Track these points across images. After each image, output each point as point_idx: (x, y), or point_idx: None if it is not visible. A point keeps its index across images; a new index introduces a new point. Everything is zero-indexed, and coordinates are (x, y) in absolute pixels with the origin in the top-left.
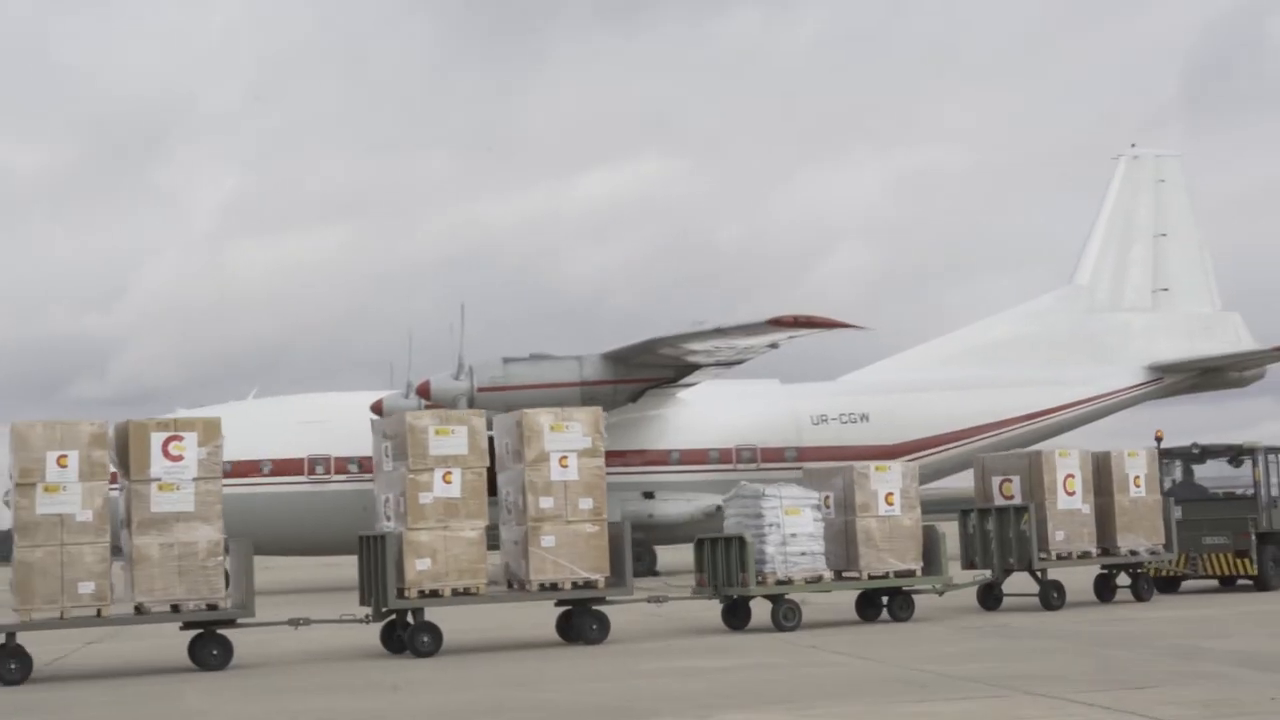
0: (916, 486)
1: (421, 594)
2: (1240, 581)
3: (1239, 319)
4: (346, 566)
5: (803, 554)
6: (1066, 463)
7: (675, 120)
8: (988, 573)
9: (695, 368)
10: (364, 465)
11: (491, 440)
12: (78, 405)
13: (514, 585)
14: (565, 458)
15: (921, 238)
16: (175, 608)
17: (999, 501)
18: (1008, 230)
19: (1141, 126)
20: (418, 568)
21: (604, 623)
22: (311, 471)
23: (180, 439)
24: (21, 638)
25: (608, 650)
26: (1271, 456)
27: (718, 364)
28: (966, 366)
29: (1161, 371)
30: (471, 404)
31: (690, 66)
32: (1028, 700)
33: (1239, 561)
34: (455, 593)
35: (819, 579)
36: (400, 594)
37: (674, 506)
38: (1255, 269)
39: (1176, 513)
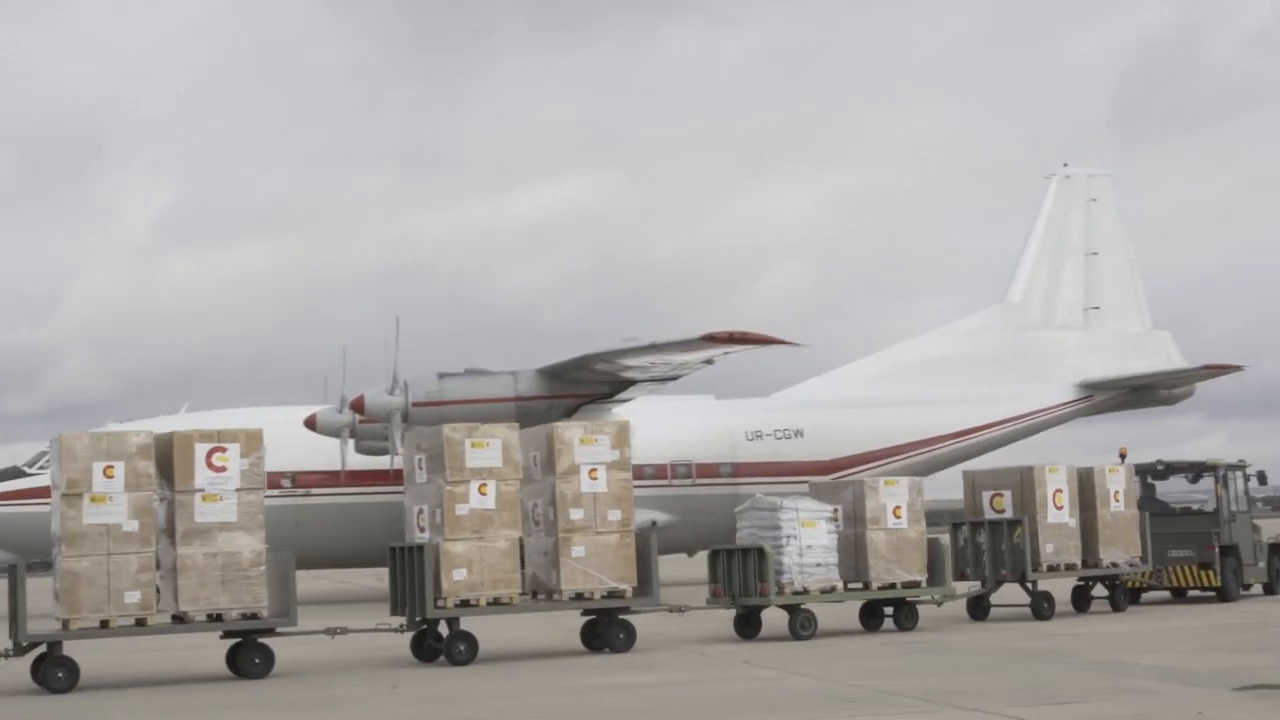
0: (922, 501)
1: (458, 604)
2: (1193, 592)
3: (1169, 337)
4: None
5: (818, 565)
6: (1055, 478)
7: (612, 136)
8: (977, 584)
9: (630, 383)
10: (297, 480)
11: None
12: (7, 420)
13: (540, 595)
14: (594, 470)
15: (856, 255)
16: (214, 616)
17: (990, 515)
18: (942, 248)
19: (1074, 145)
20: (454, 578)
21: (630, 632)
22: None
23: (224, 450)
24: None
25: (540, 666)
26: (1230, 473)
27: (653, 380)
28: (899, 384)
29: (1092, 389)
30: (406, 419)
31: (627, 83)
32: (956, 715)
33: (1203, 573)
34: (490, 602)
35: (833, 589)
36: (436, 603)
37: None
38: (1185, 288)
39: None
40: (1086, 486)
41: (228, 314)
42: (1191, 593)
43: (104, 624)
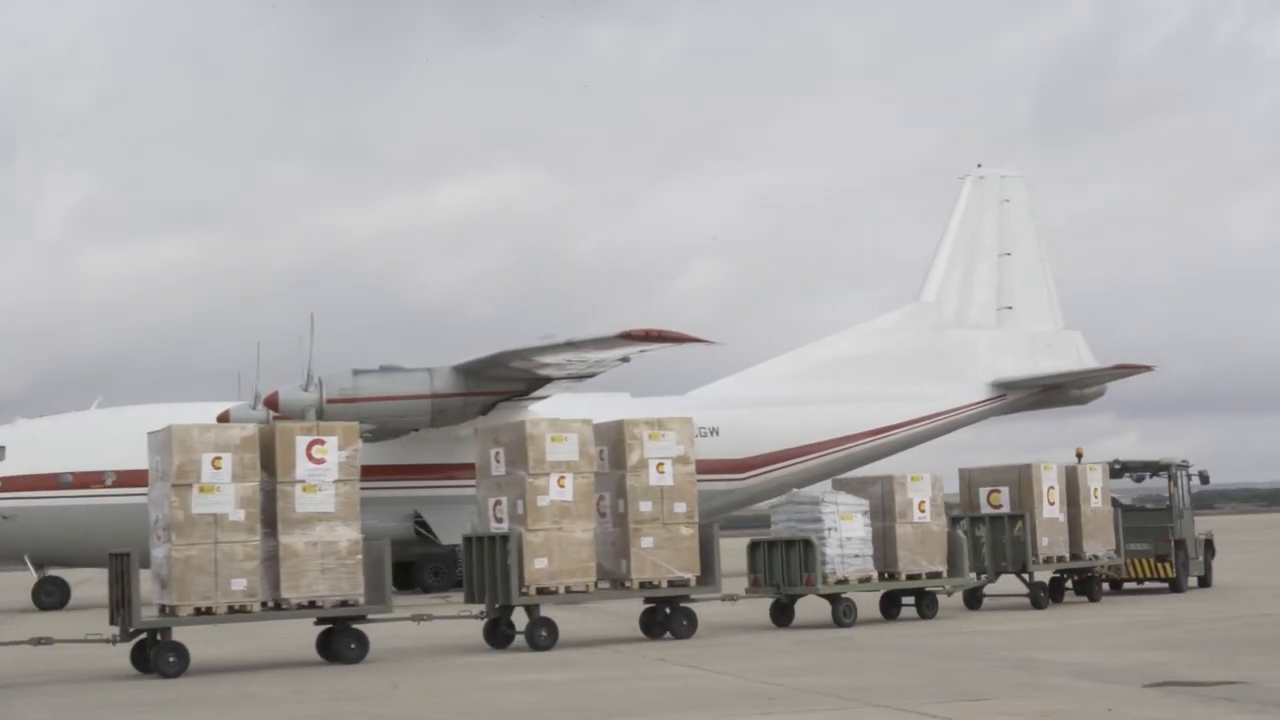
0: (942, 496)
1: (538, 591)
2: (1147, 583)
3: (1080, 337)
4: None
5: (856, 556)
6: (1049, 475)
7: (533, 133)
8: (975, 576)
9: (547, 381)
10: None
11: None
12: None
13: (608, 584)
14: (662, 464)
15: (776, 254)
16: (310, 604)
17: (987, 510)
18: (861, 247)
19: (995, 145)
20: (536, 566)
21: (693, 619)
22: None
23: (322, 443)
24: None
25: (459, 662)
26: (1179, 473)
27: (569, 377)
28: (815, 382)
29: (1005, 388)
30: (321, 415)
31: (549, 80)
32: (870, 712)
33: (1160, 565)
34: (568, 590)
35: (869, 579)
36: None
37: None
38: (1101, 289)
39: None
40: (1072, 484)
41: (145, 309)
42: (1145, 584)
43: (207, 610)
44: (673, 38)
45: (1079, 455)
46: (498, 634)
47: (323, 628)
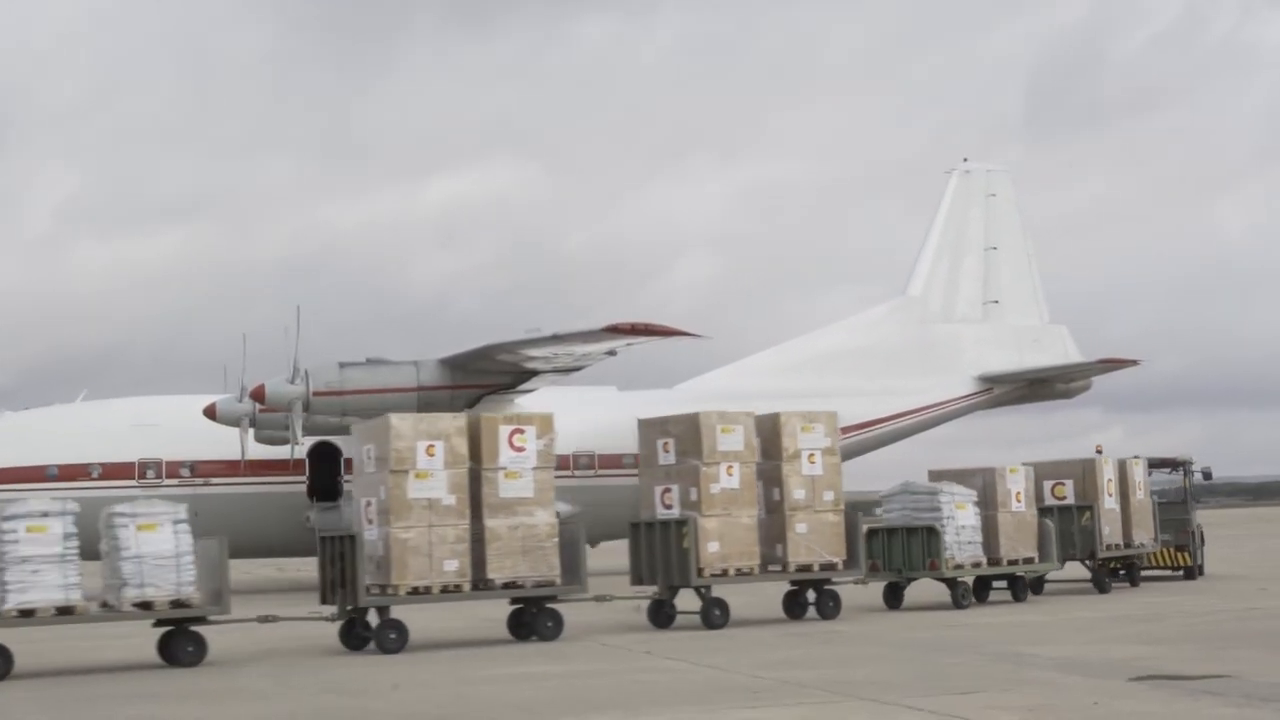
0: (1032, 487)
1: (713, 574)
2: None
3: (1066, 331)
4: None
5: (969, 543)
6: (1108, 469)
7: (526, 127)
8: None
9: (533, 374)
10: (196, 469)
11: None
12: None
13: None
14: (813, 455)
15: (766, 248)
16: (511, 584)
17: (1051, 501)
18: (852, 241)
19: (982, 142)
20: (710, 550)
21: (838, 601)
22: (143, 475)
23: (522, 432)
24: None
25: (446, 656)
26: (1189, 469)
27: (555, 371)
28: (802, 376)
29: (991, 382)
30: (307, 408)
31: (542, 74)
32: (858, 705)
33: (1179, 554)
34: (738, 572)
35: (979, 564)
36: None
37: None
38: (1088, 283)
39: None
40: (1123, 478)
41: (133, 302)
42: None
43: (425, 590)
44: (665, 32)
45: (1099, 452)
46: (661, 615)
47: (514, 607)
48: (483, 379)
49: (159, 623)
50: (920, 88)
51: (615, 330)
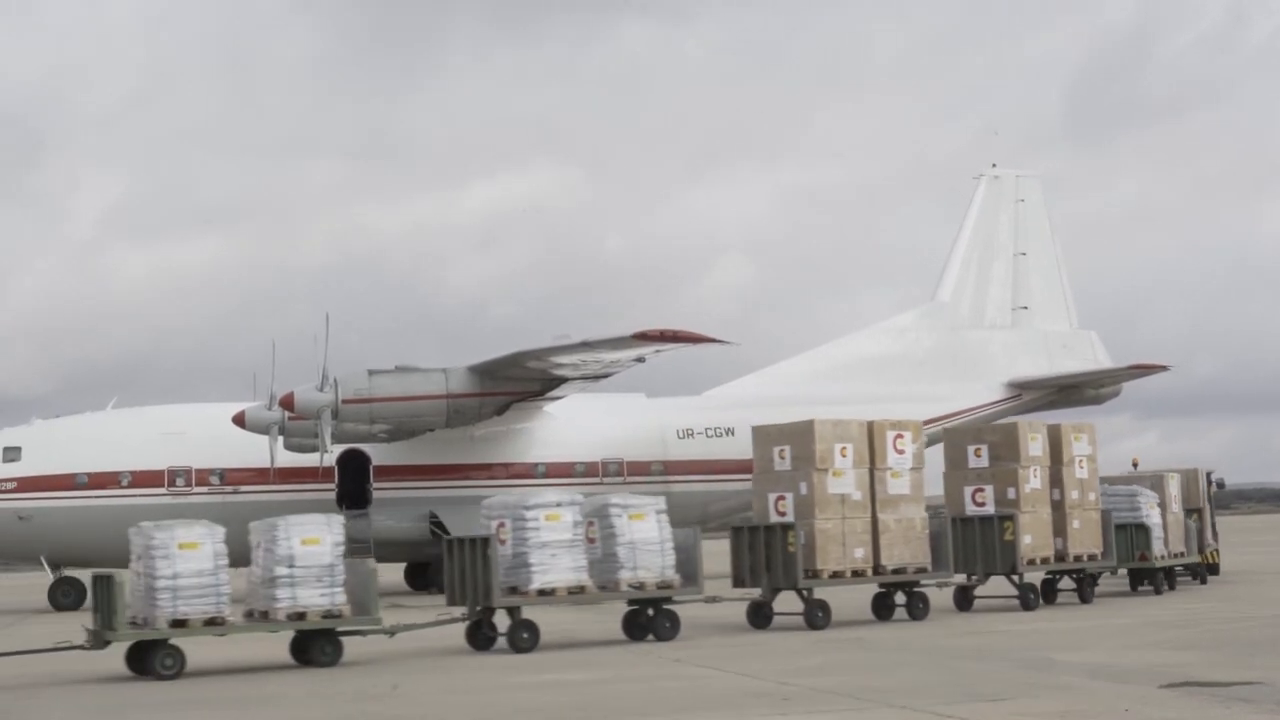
0: (1181, 491)
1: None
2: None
3: (1095, 337)
4: None
5: (1158, 539)
6: (1174, 482)
7: (565, 131)
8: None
9: (562, 381)
10: (225, 477)
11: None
12: None
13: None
14: (1082, 460)
15: (803, 252)
16: (897, 569)
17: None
18: (888, 246)
19: (1023, 144)
20: (1025, 542)
21: (1092, 588)
22: (172, 483)
23: (903, 436)
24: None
25: (475, 661)
26: (1209, 477)
27: (584, 378)
28: (831, 382)
29: (1020, 388)
30: (336, 416)
31: (582, 78)
32: (887, 712)
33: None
34: (1043, 561)
35: (1163, 557)
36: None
37: None
38: (1120, 284)
39: None
40: (1190, 487)
41: (170, 309)
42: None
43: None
44: (705, 36)
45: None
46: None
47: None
48: (512, 386)
49: (634, 602)
50: (963, 89)
51: (644, 337)
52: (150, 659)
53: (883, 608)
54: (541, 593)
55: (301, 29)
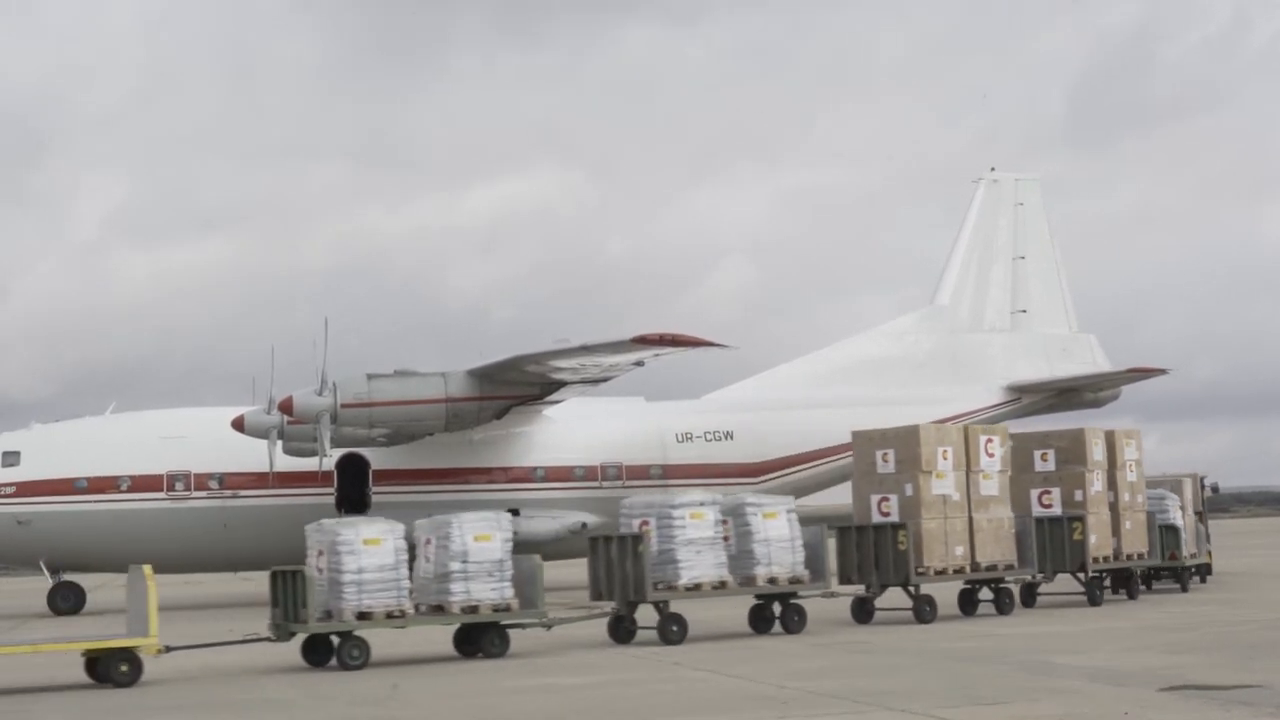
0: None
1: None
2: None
3: (1095, 340)
4: (209, 584)
5: (1184, 539)
6: (1188, 486)
7: (567, 134)
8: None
9: (561, 385)
10: (224, 481)
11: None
12: None
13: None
14: (1131, 464)
15: (804, 255)
16: (991, 566)
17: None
18: (890, 250)
19: (1025, 147)
20: (1091, 541)
21: (1136, 584)
22: (171, 488)
23: (993, 440)
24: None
25: (474, 665)
26: (1203, 482)
27: (583, 381)
28: (830, 385)
29: (1020, 392)
30: (335, 420)
31: (584, 81)
32: (886, 716)
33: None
34: (1105, 560)
35: (1192, 555)
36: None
37: (539, 524)
38: (1121, 288)
39: None
40: (1196, 494)
41: (172, 312)
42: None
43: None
44: (708, 39)
45: None
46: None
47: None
48: (511, 390)
49: (760, 597)
50: (966, 91)
51: (643, 341)
52: (338, 650)
53: (968, 603)
54: (689, 588)
55: (303, 31)
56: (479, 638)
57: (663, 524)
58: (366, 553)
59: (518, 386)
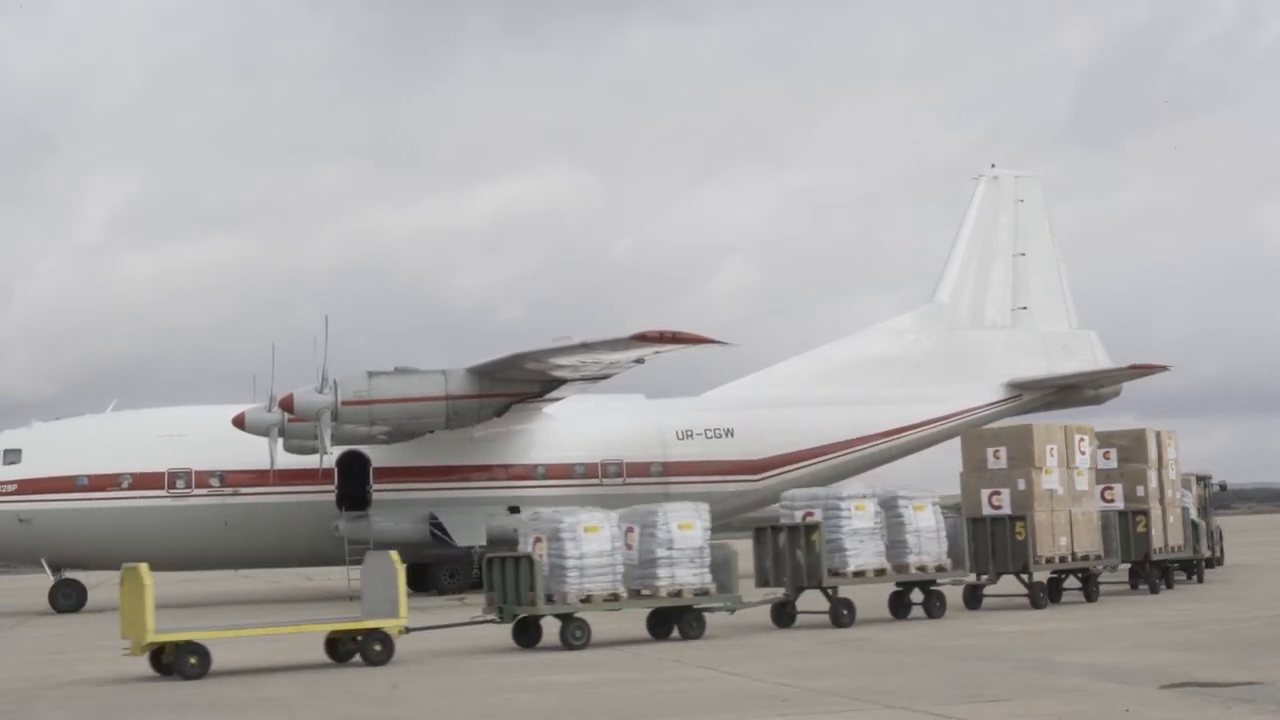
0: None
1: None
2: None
3: (1095, 337)
4: (211, 582)
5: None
6: (1198, 485)
7: (575, 134)
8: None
9: (561, 382)
10: (225, 479)
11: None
12: None
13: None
14: (1172, 464)
15: (808, 254)
16: (1084, 556)
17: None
18: (892, 248)
19: (1029, 146)
20: (1152, 533)
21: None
22: (172, 485)
23: (1084, 439)
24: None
25: (473, 664)
26: (1209, 481)
27: (583, 379)
28: (830, 383)
29: (1020, 389)
30: (335, 418)
31: (590, 81)
32: (886, 714)
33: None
34: (1172, 550)
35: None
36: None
37: None
38: (1125, 285)
39: None
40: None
41: (176, 310)
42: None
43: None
44: (714, 39)
45: None
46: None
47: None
48: (511, 387)
49: (900, 584)
50: (971, 90)
51: (643, 338)
52: (562, 631)
53: (1056, 591)
54: (856, 574)
55: (311, 31)
56: (676, 620)
57: (830, 515)
58: (587, 539)
59: (518, 384)
